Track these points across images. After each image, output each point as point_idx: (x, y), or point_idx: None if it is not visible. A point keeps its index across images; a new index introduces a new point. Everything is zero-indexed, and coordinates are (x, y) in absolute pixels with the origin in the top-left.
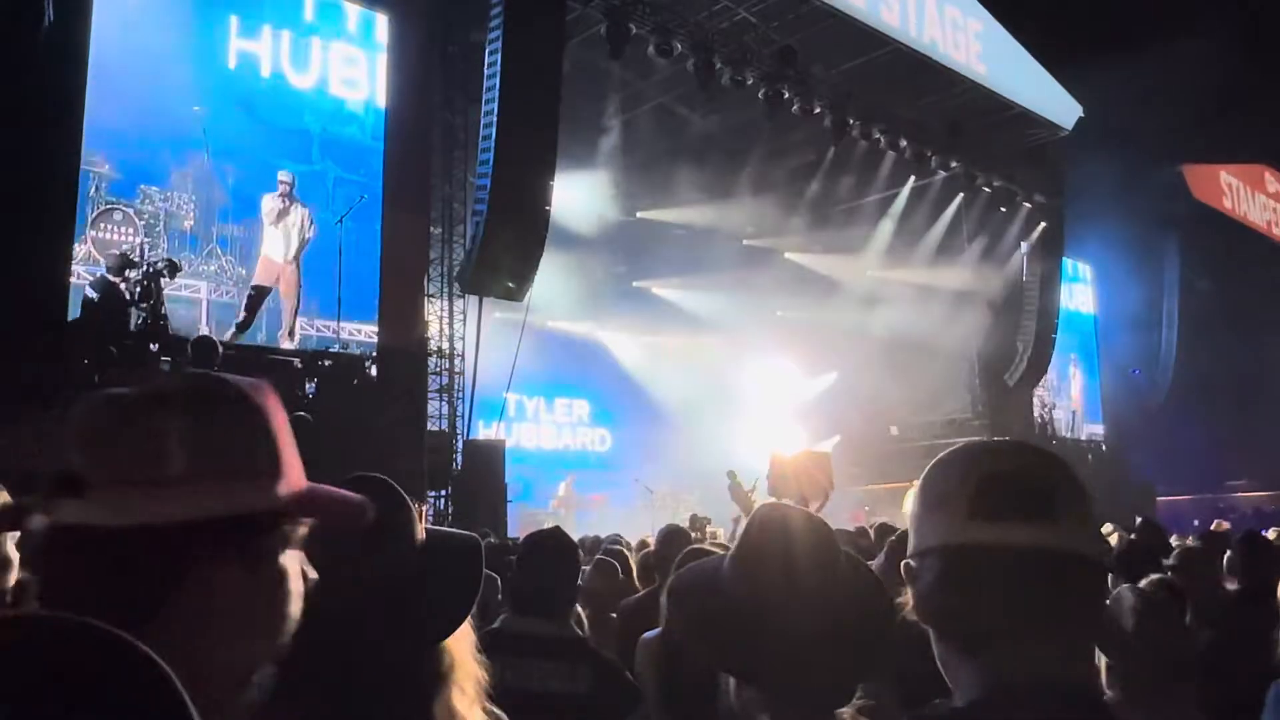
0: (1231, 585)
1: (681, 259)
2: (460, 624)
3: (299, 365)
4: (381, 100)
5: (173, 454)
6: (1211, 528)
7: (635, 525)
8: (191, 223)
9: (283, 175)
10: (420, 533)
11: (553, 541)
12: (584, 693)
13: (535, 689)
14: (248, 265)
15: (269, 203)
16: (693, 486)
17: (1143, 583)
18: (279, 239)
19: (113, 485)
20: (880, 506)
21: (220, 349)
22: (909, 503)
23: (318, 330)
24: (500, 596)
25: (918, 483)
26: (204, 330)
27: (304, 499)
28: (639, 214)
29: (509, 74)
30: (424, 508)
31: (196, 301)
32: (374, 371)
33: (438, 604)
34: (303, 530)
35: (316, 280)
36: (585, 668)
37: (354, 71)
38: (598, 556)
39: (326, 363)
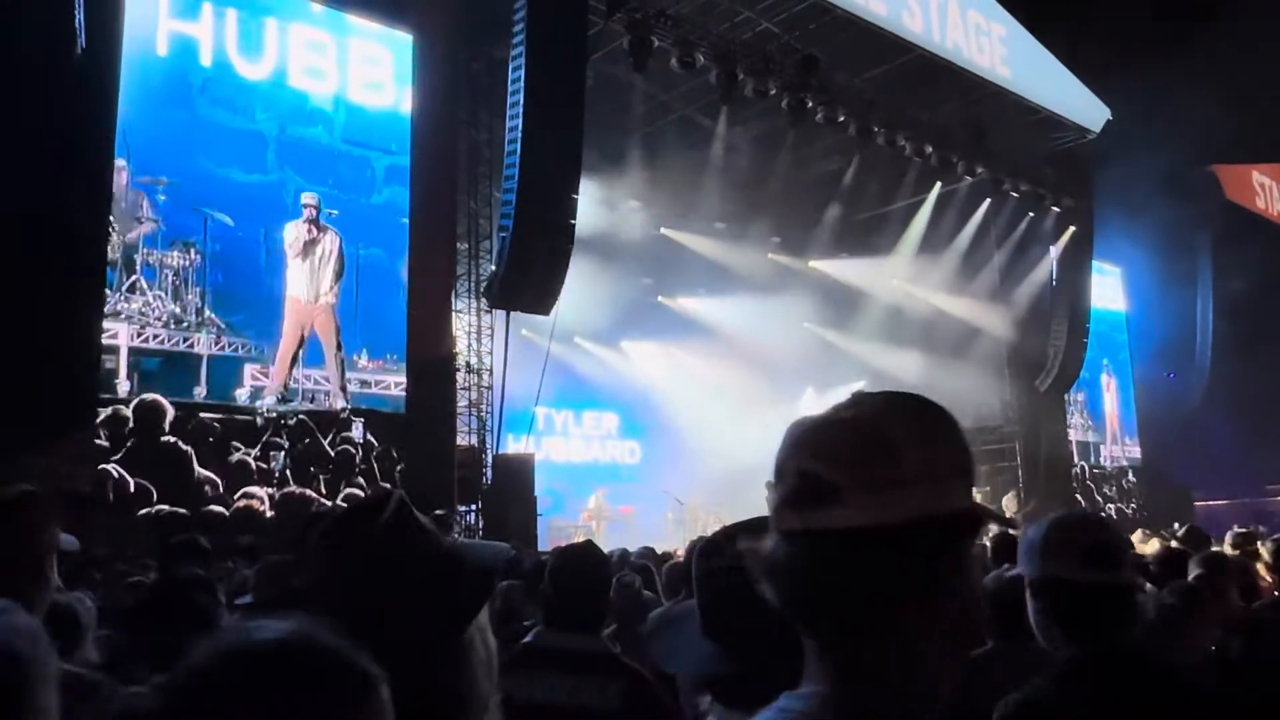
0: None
1: (707, 271)
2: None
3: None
4: (352, 95)
5: (905, 459)
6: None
7: (666, 537)
8: (109, 251)
9: (307, 198)
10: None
11: (584, 555)
12: (615, 708)
13: (567, 704)
14: (182, 301)
15: (293, 231)
16: (723, 498)
17: (1164, 591)
18: (304, 276)
19: (864, 491)
20: None
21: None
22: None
23: (315, 383)
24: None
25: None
26: (123, 386)
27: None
28: (663, 229)
29: (533, 89)
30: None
31: (113, 349)
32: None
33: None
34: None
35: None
36: (617, 683)
37: (320, 60)
38: (622, 572)
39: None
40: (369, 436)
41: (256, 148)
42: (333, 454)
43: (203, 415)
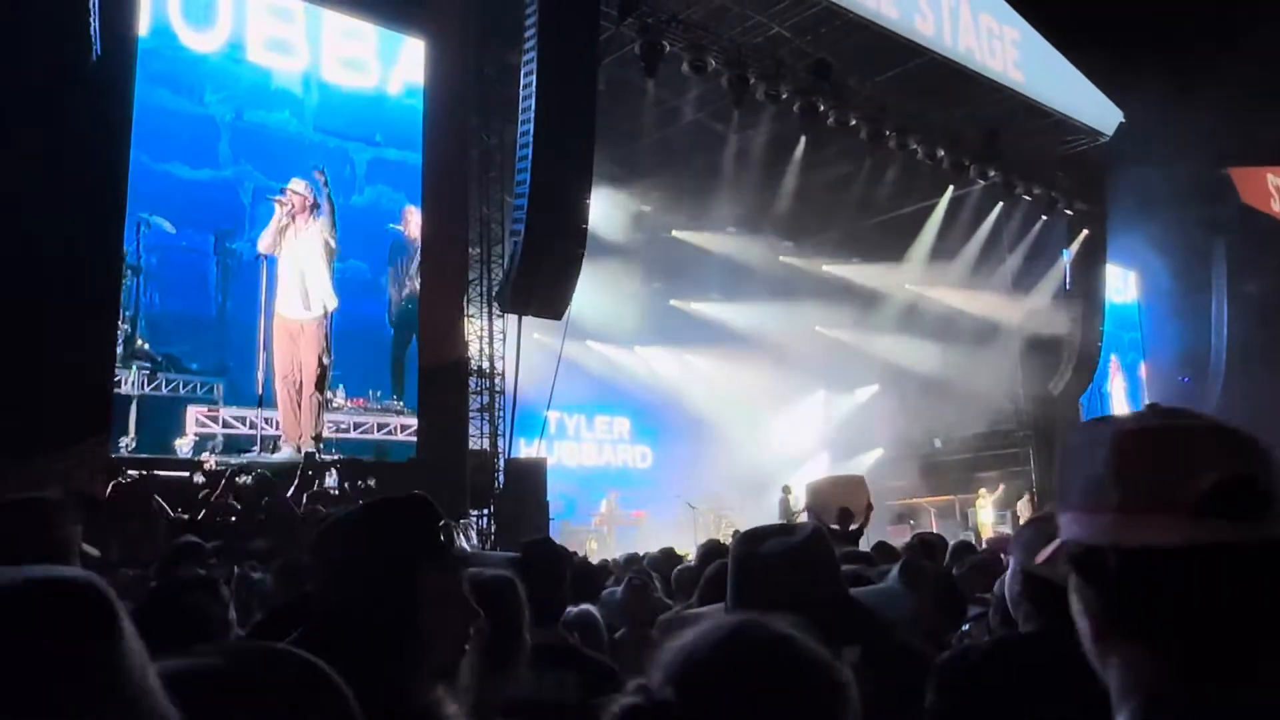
0: None
1: (718, 275)
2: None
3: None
4: (326, 74)
5: None
6: None
7: (678, 542)
8: None
9: (294, 184)
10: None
11: (539, 551)
12: (575, 700)
13: (527, 698)
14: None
15: (274, 221)
16: (735, 501)
17: None
18: (293, 279)
19: None
20: (924, 519)
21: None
22: (983, 512)
23: (278, 428)
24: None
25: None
26: None
27: None
28: (675, 232)
29: (544, 94)
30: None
31: None
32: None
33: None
34: None
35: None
36: (574, 674)
37: (286, 31)
38: (630, 574)
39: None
40: (345, 487)
41: (206, 136)
42: (300, 516)
43: (132, 473)
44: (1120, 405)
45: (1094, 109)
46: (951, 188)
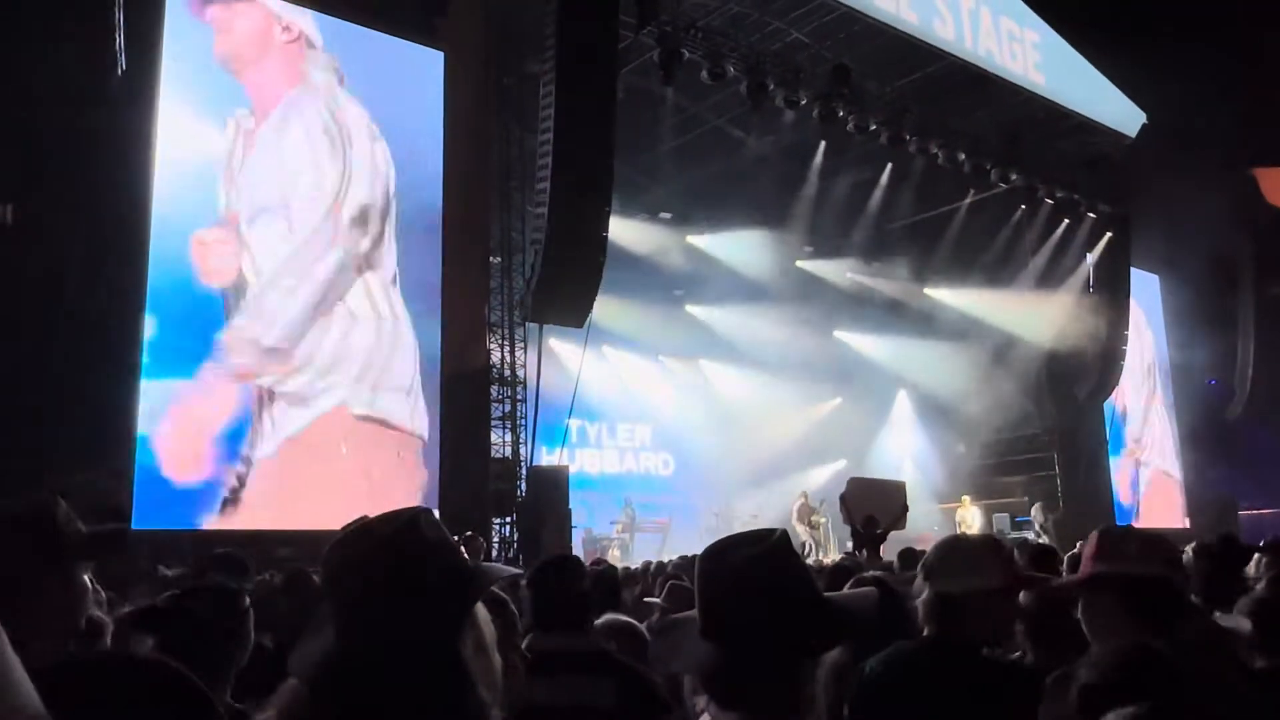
0: None
1: (738, 281)
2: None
3: None
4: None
5: None
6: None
7: (702, 549)
8: None
9: None
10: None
11: (558, 560)
12: (611, 704)
13: (564, 704)
14: None
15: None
16: (759, 508)
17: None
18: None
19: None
20: (948, 526)
21: None
22: (972, 516)
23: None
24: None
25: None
26: None
27: None
28: (691, 238)
29: (564, 103)
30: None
31: None
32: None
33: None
34: None
35: None
36: (610, 680)
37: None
38: (672, 581)
39: None
40: None
41: None
42: None
43: None
44: (1143, 411)
45: (1116, 110)
46: (972, 192)
